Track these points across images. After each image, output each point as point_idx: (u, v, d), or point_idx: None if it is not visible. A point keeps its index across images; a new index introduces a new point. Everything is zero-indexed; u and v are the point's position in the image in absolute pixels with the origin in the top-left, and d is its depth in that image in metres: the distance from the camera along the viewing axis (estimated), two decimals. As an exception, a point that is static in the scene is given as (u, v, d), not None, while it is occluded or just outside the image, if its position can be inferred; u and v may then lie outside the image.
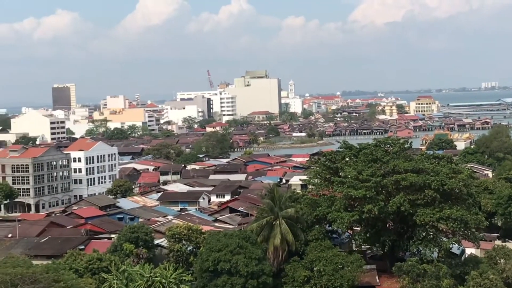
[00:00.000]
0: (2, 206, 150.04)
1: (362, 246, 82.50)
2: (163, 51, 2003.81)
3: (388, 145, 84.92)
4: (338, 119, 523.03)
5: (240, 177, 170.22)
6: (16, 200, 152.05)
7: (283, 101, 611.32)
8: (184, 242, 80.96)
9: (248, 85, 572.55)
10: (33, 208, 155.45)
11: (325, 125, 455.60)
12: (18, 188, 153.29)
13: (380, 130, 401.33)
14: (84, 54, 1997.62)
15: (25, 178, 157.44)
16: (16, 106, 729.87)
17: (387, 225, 79.17)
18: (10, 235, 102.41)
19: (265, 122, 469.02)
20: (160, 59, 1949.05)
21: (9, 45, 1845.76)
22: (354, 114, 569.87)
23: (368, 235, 79.22)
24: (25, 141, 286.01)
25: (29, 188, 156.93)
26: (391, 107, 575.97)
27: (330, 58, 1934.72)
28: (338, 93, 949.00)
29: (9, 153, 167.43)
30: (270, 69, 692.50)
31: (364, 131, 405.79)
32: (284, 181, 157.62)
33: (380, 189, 76.55)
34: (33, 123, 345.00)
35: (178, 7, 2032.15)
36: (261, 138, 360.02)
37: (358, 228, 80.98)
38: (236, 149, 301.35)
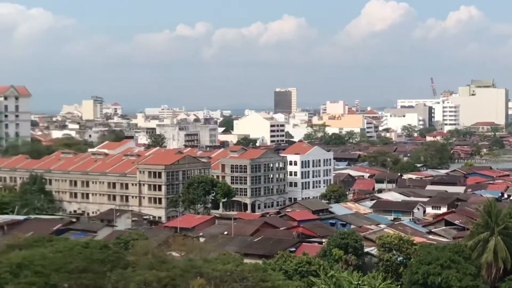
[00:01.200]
0: (221, 204, 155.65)
1: None
2: (385, 57, 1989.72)
3: None
4: None
5: (459, 189, 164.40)
6: (234, 199, 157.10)
7: (510, 112, 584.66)
8: (394, 252, 79.18)
9: (473, 94, 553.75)
10: (249, 207, 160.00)
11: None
12: (236, 188, 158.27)
13: None
14: (306, 59, 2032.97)
15: (243, 178, 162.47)
16: (240, 108, 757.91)
17: None
18: (225, 233, 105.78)
19: (490, 134, 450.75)
20: (382, 65, 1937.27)
21: (236, 49, 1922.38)
22: None
23: None
24: (246, 142, 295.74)
25: (246, 188, 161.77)
26: None
27: None
28: None
29: (229, 153, 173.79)
30: (497, 78, 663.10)
31: None
32: (505, 196, 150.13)
33: None
34: (255, 125, 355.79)
35: (404, 13, 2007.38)
36: (484, 150, 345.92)
37: None
38: (456, 160, 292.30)
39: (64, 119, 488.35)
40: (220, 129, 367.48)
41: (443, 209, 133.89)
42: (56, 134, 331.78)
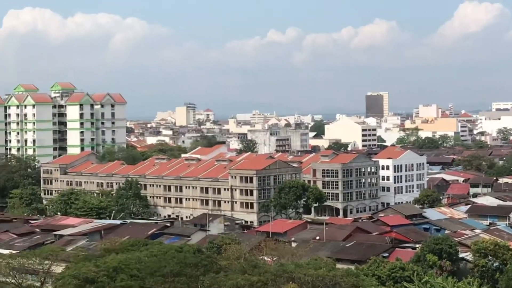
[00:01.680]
0: (312, 209, 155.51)
1: None
2: (479, 59, 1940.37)
3: None
4: None
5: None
6: (325, 203, 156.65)
7: None
8: (490, 257, 77.45)
9: None
10: (341, 212, 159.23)
11: None
12: (327, 192, 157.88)
13: None
14: (398, 62, 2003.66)
15: (334, 183, 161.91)
16: (330, 112, 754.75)
17: None
18: (317, 238, 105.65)
19: None
20: (476, 67, 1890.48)
21: (327, 54, 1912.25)
22: None
23: None
24: (337, 147, 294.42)
25: (337, 193, 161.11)
26: None
27: None
28: None
29: (320, 158, 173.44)
30: None
31: None
32: None
33: None
34: (346, 129, 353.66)
35: (498, 14, 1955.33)
36: None
37: None
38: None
39: (158, 125, 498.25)
40: (311, 134, 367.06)
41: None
42: (151, 140, 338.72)
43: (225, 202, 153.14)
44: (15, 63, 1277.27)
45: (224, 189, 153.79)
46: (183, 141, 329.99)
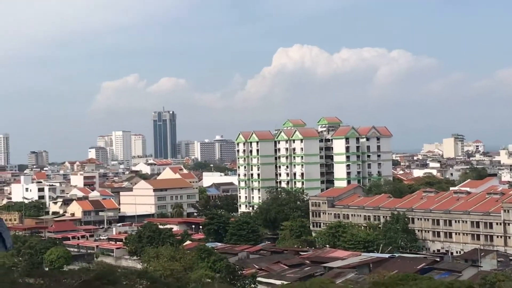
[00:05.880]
0: None
1: None
2: None
3: None
4: None
5: None
6: None
7: None
8: None
9: None
10: None
11: None
12: None
13: None
14: None
15: None
16: None
17: None
18: None
19: None
20: None
21: None
22: None
23: None
24: None
25: None
26: None
27: None
28: None
29: None
30: None
31: None
32: None
33: None
34: None
35: None
36: None
37: None
38: None
39: (425, 158, 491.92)
40: None
41: None
42: (417, 172, 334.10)
43: (497, 237, 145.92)
44: (283, 99, 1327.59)
45: (496, 223, 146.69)
46: (451, 174, 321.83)
